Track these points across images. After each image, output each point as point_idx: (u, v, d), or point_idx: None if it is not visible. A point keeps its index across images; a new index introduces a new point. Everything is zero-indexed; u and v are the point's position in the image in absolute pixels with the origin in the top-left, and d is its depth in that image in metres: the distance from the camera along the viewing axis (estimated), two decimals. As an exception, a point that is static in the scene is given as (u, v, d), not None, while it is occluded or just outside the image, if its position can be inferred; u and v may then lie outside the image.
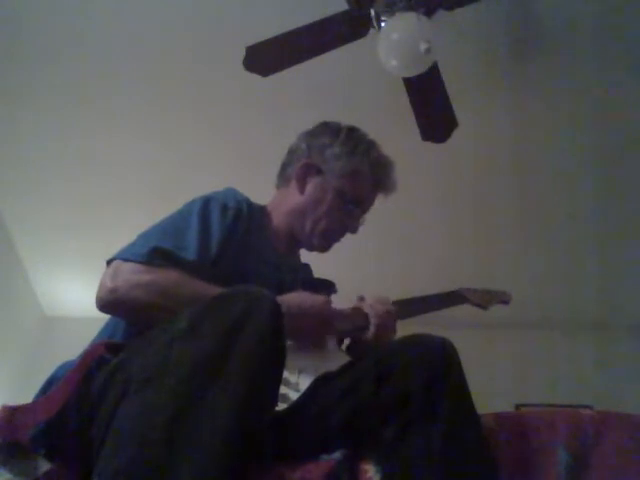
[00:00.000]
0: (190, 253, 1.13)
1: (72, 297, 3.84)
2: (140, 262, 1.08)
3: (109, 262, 1.13)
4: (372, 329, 1.25)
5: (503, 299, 1.62)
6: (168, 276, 1.08)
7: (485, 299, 1.57)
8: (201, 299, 0.94)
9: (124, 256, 1.11)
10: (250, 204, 1.32)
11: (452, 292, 1.52)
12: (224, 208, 1.23)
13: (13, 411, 0.92)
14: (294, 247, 1.45)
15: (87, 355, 0.98)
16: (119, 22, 2.55)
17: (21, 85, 2.79)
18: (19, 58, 2.68)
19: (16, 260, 3.64)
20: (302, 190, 1.38)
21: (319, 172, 1.38)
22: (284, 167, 1.45)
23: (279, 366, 0.88)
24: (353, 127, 1.45)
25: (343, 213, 1.38)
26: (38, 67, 2.71)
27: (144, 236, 1.17)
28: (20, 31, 2.58)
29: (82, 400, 0.91)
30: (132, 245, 1.14)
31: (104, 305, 1.08)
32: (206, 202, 1.23)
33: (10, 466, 0.87)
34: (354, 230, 1.41)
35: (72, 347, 1.17)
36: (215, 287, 1.05)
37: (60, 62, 2.68)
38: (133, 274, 1.07)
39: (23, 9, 2.51)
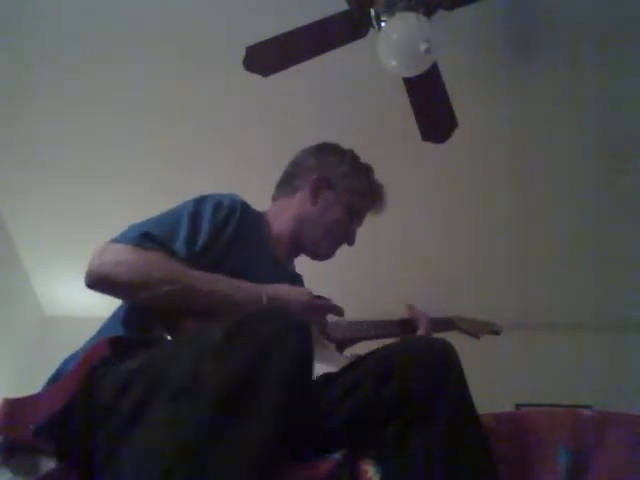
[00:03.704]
0: (178, 245, 1.16)
1: (72, 297, 3.84)
2: (128, 243, 1.13)
3: None
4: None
5: (494, 329, 1.69)
6: (151, 257, 1.12)
7: (476, 328, 1.65)
8: (182, 282, 1.07)
9: (114, 239, 1.16)
10: (247, 207, 1.34)
11: (445, 319, 1.63)
12: (217, 206, 1.26)
13: (14, 405, 0.92)
14: (293, 255, 1.50)
15: (91, 352, 0.98)
16: (119, 22, 2.55)
17: (21, 85, 2.79)
18: (19, 58, 2.68)
19: (16, 260, 3.64)
20: (315, 201, 1.46)
21: (330, 186, 1.47)
22: (290, 178, 1.52)
23: (309, 390, 0.90)
24: (352, 150, 1.56)
25: (347, 226, 1.49)
26: (38, 67, 2.71)
27: (136, 225, 1.20)
28: (21, 31, 2.58)
29: (87, 400, 0.91)
30: (123, 231, 1.18)
31: (90, 282, 1.12)
32: (201, 199, 1.27)
33: (11, 465, 0.86)
34: (352, 242, 1.51)
35: (72, 347, 1.17)
36: (197, 272, 1.12)
37: (60, 62, 2.69)
38: (119, 253, 1.12)
39: (24, 9, 2.51)
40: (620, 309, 3.76)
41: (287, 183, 1.52)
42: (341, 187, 1.47)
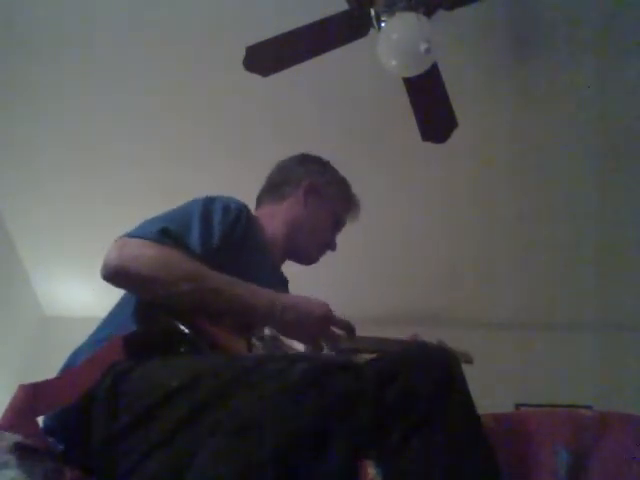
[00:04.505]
0: (192, 243, 1.16)
1: (72, 297, 3.85)
2: (147, 239, 1.12)
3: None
4: None
5: (466, 360, 1.70)
6: (171, 253, 1.11)
7: None
8: (202, 281, 1.07)
9: (132, 234, 1.14)
10: (250, 211, 1.35)
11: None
12: (226, 207, 1.26)
13: (31, 392, 0.91)
14: (283, 258, 1.53)
15: (107, 349, 0.98)
16: (119, 22, 2.55)
17: (21, 85, 2.79)
18: (19, 58, 2.68)
19: (16, 260, 3.64)
20: (306, 206, 1.50)
21: (319, 193, 1.53)
22: (277, 186, 1.56)
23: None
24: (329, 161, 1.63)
25: (333, 234, 1.55)
26: (38, 67, 2.70)
27: (150, 220, 1.20)
28: (20, 31, 2.58)
29: (107, 403, 0.91)
30: (139, 226, 1.17)
31: (107, 274, 1.10)
32: (210, 200, 1.27)
33: (17, 465, 0.86)
34: (335, 248, 1.56)
35: (72, 347, 1.17)
36: (216, 272, 1.11)
37: (60, 62, 2.68)
38: (139, 248, 1.10)
39: (24, 9, 2.50)
40: (620, 309, 3.76)
41: (274, 190, 1.55)
42: (327, 195, 1.53)
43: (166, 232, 1.13)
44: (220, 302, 1.10)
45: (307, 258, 1.53)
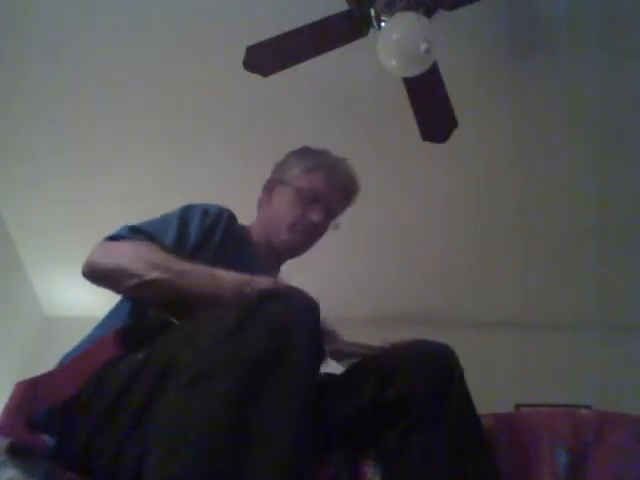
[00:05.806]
0: (167, 241, 1.20)
1: (72, 297, 3.84)
2: (120, 237, 1.20)
3: None
4: None
5: None
6: (141, 246, 1.17)
7: None
8: (166, 266, 1.09)
9: (109, 236, 1.22)
10: (233, 217, 1.37)
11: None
12: (205, 213, 1.30)
13: (31, 388, 0.92)
14: (277, 261, 1.52)
15: (100, 345, 0.98)
16: (119, 22, 2.55)
17: (20, 85, 2.79)
18: (18, 57, 2.68)
19: (16, 260, 3.64)
20: (270, 200, 1.52)
21: (281, 182, 1.51)
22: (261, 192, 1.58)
23: (320, 364, 0.94)
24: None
25: (305, 208, 1.47)
26: (38, 67, 2.70)
27: (129, 224, 1.25)
28: (19, 30, 2.58)
29: (91, 397, 0.91)
30: (117, 230, 1.24)
31: (84, 273, 1.18)
32: (189, 207, 1.31)
33: (14, 465, 0.86)
34: (314, 219, 1.46)
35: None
36: (187, 263, 1.13)
37: (59, 62, 2.68)
38: (111, 247, 1.19)
39: (24, 9, 2.50)
40: (620, 309, 3.76)
41: (259, 199, 1.58)
42: (290, 177, 1.50)
43: (137, 229, 1.20)
44: (189, 284, 1.11)
45: (286, 247, 1.47)
